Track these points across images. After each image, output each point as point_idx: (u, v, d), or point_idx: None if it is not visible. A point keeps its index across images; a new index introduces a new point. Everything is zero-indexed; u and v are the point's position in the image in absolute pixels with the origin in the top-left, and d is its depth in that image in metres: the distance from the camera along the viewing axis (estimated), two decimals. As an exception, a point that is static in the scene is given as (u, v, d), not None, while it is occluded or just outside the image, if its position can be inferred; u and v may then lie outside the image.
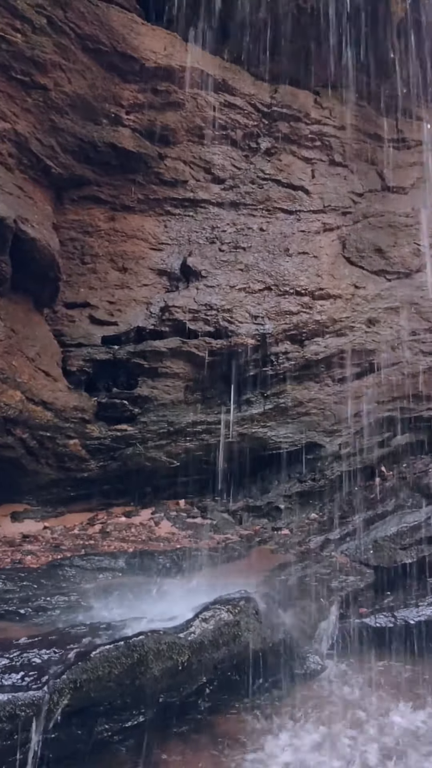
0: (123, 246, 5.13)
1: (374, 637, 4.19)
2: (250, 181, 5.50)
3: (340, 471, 5.87)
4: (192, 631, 3.13)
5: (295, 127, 5.61)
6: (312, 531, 5.30)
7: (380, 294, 5.95)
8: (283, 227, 5.64)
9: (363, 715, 3.55)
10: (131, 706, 2.99)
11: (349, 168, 5.92)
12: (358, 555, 4.79)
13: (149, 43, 5.00)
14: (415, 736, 3.36)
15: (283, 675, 3.71)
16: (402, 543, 4.79)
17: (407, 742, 3.30)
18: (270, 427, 5.63)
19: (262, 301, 5.49)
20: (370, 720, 3.49)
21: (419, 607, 4.24)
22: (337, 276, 5.78)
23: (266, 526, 5.40)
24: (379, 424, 5.99)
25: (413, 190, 6.06)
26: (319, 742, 3.29)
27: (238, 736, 3.36)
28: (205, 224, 5.38)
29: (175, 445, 5.28)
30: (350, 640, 4.15)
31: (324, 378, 5.84)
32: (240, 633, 3.30)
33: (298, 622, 3.87)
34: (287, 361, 5.61)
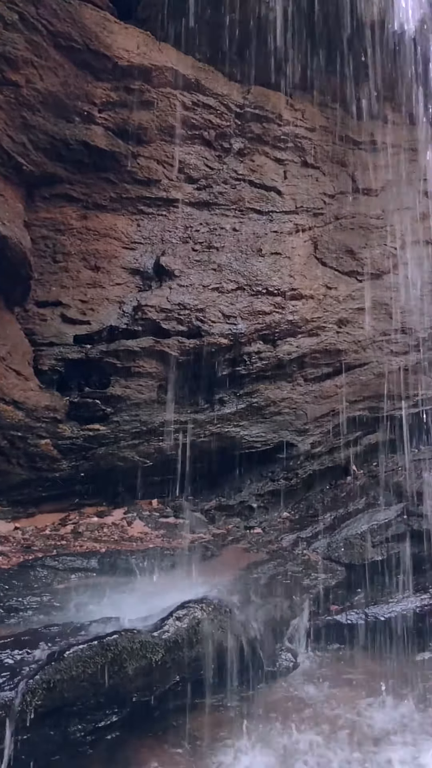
0: (95, 245, 5.10)
1: (346, 634, 4.23)
2: (222, 181, 5.51)
3: (312, 470, 5.93)
4: (166, 630, 3.14)
5: (268, 128, 5.64)
6: (284, 529, 5.34)
7: (351, 295, 6.02)
8: (256, 228, 5.67)
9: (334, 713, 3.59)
10: (105, 706, 2.99)
11: (321, 170, 5.97)
12: (329, 553, 4.84)
13: (122, 41, 4.98)
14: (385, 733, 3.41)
15: (256, 673, 3.73)
16: (372, 540, 4.86)
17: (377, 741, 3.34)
18: (243, 427, 5.65)
19: (235, 300, 5.51)
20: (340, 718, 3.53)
21: (389, 604, 4.30)
22: (309, 276, 5.83)
23: (239, 525, 5.43)
24: (350, 423, 6.06)
25: (384, 192, 6.14)
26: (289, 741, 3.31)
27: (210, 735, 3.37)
28: (178, 224, 5.38)
29: (148, 445, 5.27)
30: (322, 637, 4.19)
31: (296, 378, 5.89)
32: (213, 631, 3.32)
33: (270, 620, 3.90)
34: (260, 360, 5.64)
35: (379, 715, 3.55)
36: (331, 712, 3.59)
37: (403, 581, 4.49)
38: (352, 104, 5.87)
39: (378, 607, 4.30)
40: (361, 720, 3.47)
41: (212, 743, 3.29)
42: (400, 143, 6.18)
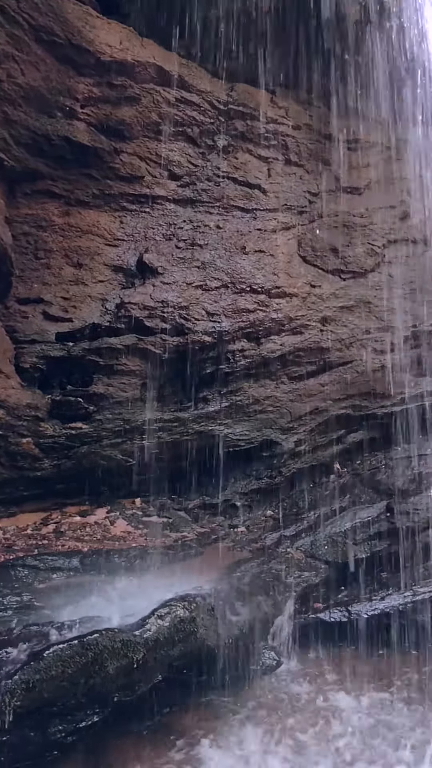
0: (78, 241, 5.05)
1: (329, 632, 4.24)
2: (206, 178, 5.49)
3: (295, 468, 5.92)
4: (147, 629, 3.11)
5: (252, 126, 5.63)
6: (268, 528, 5.33)
7: (335, 293, 6.02)
8: (240, 225, 5.65)
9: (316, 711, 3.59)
10: (86, 706, 2.96)
11: (305, 168, 5.97)
12: (313, 551, 4.84)
13: (105, 36, 4.94)
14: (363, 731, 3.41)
15: (239, 671, 3.73)
16: (355, 538, 4.86)
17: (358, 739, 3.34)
18: (227, 425, 5.63)
19: (218, 298, 5.49)
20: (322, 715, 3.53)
21: (372, 602, 4.30)
22: (293, 275, 5.83)
23: (222, 523, 5.41)
24: (334, 421, 6.06)
25: (367, 191, 6.15)
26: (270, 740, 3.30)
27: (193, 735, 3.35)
28: (162, 221, 5.35)
29: (131, 444, 5.23)
30: (305, 635, 4.19)
31: (280, 376, 5.88)
32: (196, 630, 3.30)
33: (253, 618, 3.89)
34: (244, 359, 5.63)
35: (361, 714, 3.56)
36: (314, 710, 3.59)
37: (385, 579, 4.50)
38: (335, 102, 5.87)
39: (361, 605, 4.31)
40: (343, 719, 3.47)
41: (195, 742, 3.27)
42: (383, 142, 6.19)
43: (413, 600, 4.33)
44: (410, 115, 5.98)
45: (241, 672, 3.70)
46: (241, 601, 3.93)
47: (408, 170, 6.10)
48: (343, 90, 5.80)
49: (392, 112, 6.02)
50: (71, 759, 2.98)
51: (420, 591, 4.37)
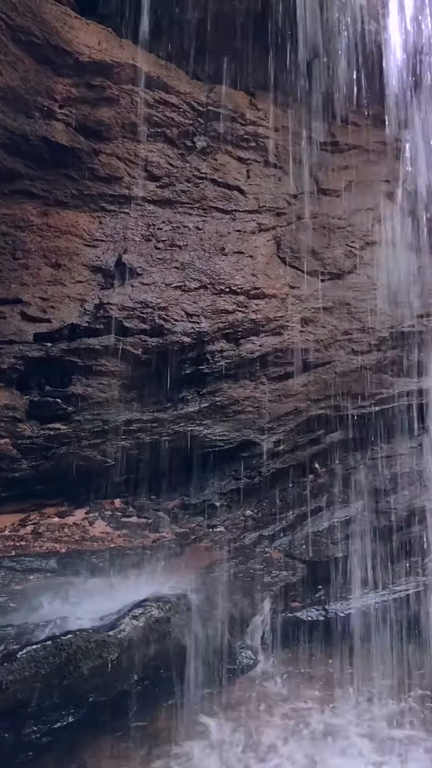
0: (56, 242, 5.04)
1: (306, 631, 4.27)
2: (185, 179, 5.50)
3: (275, 468, 5.93)
4: (122, 629, 3.12)
5: (231, 127, 5.65)
6: (247, 528, 5.35)
7: (314, 294, 6.06)
8: (219, 226, 5.67)
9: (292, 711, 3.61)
10: (60, 707, 2.96)
11: (284, 170, 5.99)
12: (291, 550, 4.87)
13: (83, 37, 4.94)
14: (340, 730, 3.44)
15: (216, 671, 3.74)
16: (333, 538, 4.90)
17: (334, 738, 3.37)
18: (206, 426, 5.64)
19: (198, 299, 5.50)
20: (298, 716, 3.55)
21: (349, 600, 4.34)
22: (272, 276, 5.85)
23: (202, 523, 5.42)
24: (312, 422, 6.09)
25: (345, 193, 6.18)
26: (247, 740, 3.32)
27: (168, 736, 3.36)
28: (141, 221, 5.35)
29: (110, 444, 5.23)
30: (283, 634, 4.22)
31: (259, 376, 5.90)
32: (171, 630, 3.31)
33: (230, 617, 3.91)
34: (223, 359, 5.64)
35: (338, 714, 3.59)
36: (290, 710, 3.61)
37: (362, 578, 4.54)
38: (313, 105, 5.90)
39: (338, 604, 4.35)
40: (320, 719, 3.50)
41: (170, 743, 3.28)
42: (361, 145, 6.24)
43: (390, 598, 4.38)
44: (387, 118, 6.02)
45: (217, 672, 3.72)
46: (219, 600, 3.95)
47: (386, 172, 6.14)
48: (320, 92, 5.83)
49: (371, 115, 6.06)
50: (46, 760, 2.98)
51: (397, 589, 4.42)
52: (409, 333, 6.13)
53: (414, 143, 5.98)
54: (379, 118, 6.10)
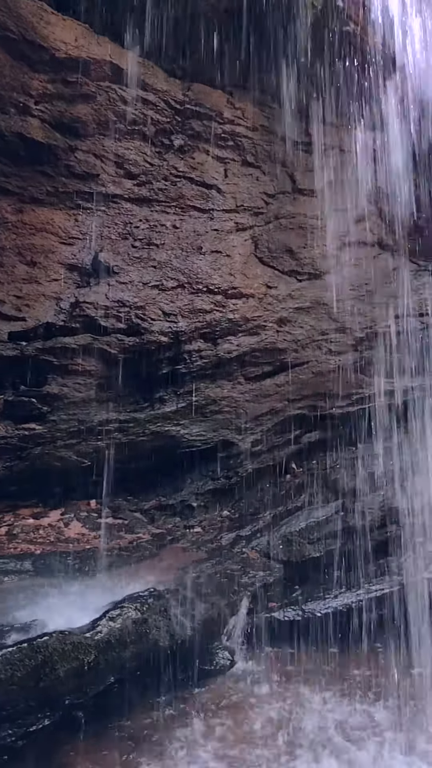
0: (32, 239, 4.98)
1: (283, 631, 4.28)
2: (163, 177, 5.47)
3: (252, 468, 5.94)
4: (99, 631, 3.09)
5: (208, 126, 5.63)
6: (224, 528, 5.34)
7: (291, 294, 6.07)
8: (197, 225, 5.65)
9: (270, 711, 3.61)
10: (36, 710, 2.92)
11: (261, 169, 5.99)
12: (268, 550, 4.87)
13: (60, 33, 4.88)
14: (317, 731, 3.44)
15: (193, 671, 3.73)
16: (310, 537, 4.91)
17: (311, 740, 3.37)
18: (183, 426, 5.62)
19: (175, 298, 5.47)
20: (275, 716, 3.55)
21: (326, 600, 4.35)
22: (249, 275, 5.85)
23: (178, 524, 5.40)
24: (290, 421, 6.11)
25: (323, 193, 6.20)
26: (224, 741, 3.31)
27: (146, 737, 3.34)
28: (118, 219, 5.31)
29: (86, 444, 5.18)
30: (260, 634, 4.22)
31: (237, 376, 5.90)
32: (148, 631, 3.29)
33: (207, 618, 3.90)
34: (200, 359, 5.63)
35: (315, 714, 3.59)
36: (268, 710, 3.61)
37: (338, 577, 4.56)
38: (292, 105, 5.91)
39: (315, 603, 4.36)
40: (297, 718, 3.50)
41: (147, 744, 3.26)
42: (338, 145, 6.26)
43: (366, 597, 4.40)
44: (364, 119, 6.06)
45: (194, 672, 3.71)
46: (196, 601, 3.93)
47: (362, 173, 6.17)
48: (298, 92, 5.84)
49: (346, 116, 6.09)
50: (22, 764, 2.94)
51: (372, 589, 4.45)
52: (384, 333, 6.17)
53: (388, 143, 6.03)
54: (358, 118, 6.13)
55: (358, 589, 4.44)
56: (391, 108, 5.94)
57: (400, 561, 4.63)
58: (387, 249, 6.54)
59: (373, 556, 4.71)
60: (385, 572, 4.57)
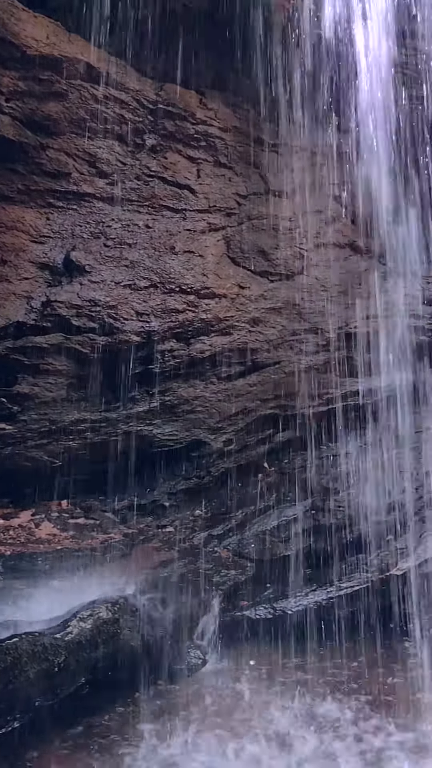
0: (2, 237, 4.93)
1: (255, 629, 4.30)
2: (135, 177, 5.46)
3: (224, 467, 5.95)
4: (69, 632, 3.08)
5: (181, 126, 5.63)
6: (196, 527, 5.35)
7: (263, 294, 6.10)
8: (169, 225, 5.65)
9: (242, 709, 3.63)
10: (5, 712, 2.90)
11: (234, 170, 6.02)
12: (240, 549, 4.89)
13: (31, 30, 4.85)
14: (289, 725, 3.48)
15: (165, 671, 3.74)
16: (281, 536, 4.95)
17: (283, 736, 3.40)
18: (155, 425, 5.61)
19: (147, 298, 5.47)
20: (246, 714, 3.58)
21: (297, 597, 4.39)
22: (222, 276, 5.87)
23: (151, 524, 5.39)
24: (262, 421, 6.14)
25: (295, 194, 6.25)
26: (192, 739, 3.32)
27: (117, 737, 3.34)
28: (90, 218, 5.28)
29: (57, 444, 5.15)
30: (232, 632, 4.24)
31: (209, 376, 5.90)
32: (119, 631, 3.29)
33: (179, 617, 3.91)
34: (173, 359, 5.62)
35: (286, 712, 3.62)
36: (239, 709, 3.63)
37: (310, 575, 4.60)
38: (264, 106, 5.95)
39: (286, 601, 4.39)
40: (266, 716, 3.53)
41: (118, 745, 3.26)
42: (310, 147, 6.31)
43: (336, 595, 4.45)
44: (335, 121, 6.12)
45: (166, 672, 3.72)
46: (167, 601, 3.94)
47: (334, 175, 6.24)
48: (270, 94, 5.88)
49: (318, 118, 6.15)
50: (-10, 767, 2.92)
51: (343, 586, 4.50)
52: (355, 333, 6.24)
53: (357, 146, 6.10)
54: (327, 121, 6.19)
55: (329, 586, 4.49)
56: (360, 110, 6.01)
57: (370, 558, 4.69)
58: (358, 251, 6.61)
59: (344, 554, 4.76)
60: (356, 570, 4.63)
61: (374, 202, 6.25)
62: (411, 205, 6.44)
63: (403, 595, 4.39)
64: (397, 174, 6.28)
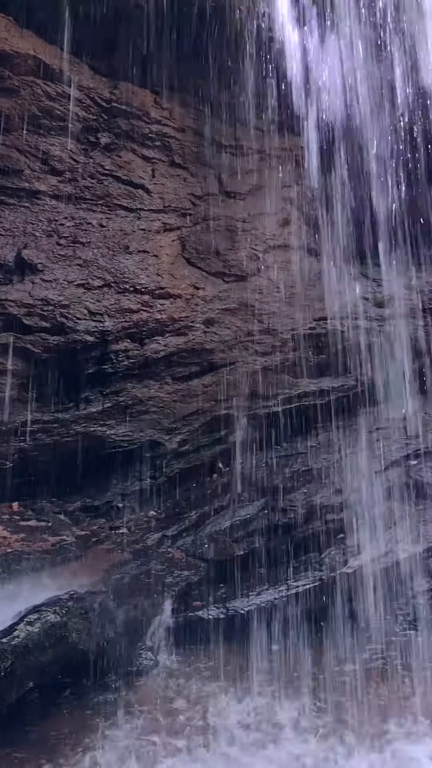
0: None
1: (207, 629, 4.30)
2: (89, 175, 5.42)
3: (179, 468, 5.94)
4: (16, 636, 3.03)
5: (135, 125, 5.61)
6: (150, 528, 5.32)
7: (218, 295, 6.11)
8: (124, 224, 5.62)
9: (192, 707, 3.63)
10: None
11: (189, 170, 6.02)
12: (193, 550, 4.89)
13: (-19, 23, 4.77)
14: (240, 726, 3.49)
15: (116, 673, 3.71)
16: (235, 536, 4.96)
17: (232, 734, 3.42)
18: (109, 426, 5.57)
19: (101, 297, 5.43)
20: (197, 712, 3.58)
21: (249, 597, 4.40)
22: (177, 276, 5.86)
23: (104, 525, 5.34)
24: (216, 421, 6.14)
25: (250, 196, 6.29)
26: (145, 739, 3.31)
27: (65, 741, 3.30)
28: (42, 216, 5.22)
29: (8, 446, 5.07)
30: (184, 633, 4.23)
31: (164, 377, 5.89)
32: (68, 634, 3.26)
33: (130, 619, 3.89)
34: (127, 359, 5.59)
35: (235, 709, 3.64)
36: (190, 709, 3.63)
37: (261, 574, 4.62)
38: (219, 108, 5.97)
39: (238, 601, 4.40)
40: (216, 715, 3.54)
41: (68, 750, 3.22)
42: (265, 149, 6.35)
43: (287, 594, 4.47)
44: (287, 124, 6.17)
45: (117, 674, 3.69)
46: (119, 602, 3.91)
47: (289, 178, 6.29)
48: (225, 96, 5.90)
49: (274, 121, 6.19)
50: None
51: (293, 585, 4.53)
52: (309, 335, 6.30)
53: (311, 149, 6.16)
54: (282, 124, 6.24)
55: (281, 585, 4.51)
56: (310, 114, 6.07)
57: (321, 557, 4.74)
58: (311, 253, 6.68)
59: (296, 553, 4.80)
60: (307, 568, 4.66)
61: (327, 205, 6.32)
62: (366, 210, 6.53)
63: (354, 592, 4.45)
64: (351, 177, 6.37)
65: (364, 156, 6.25)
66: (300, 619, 4.34)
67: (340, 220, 6.36)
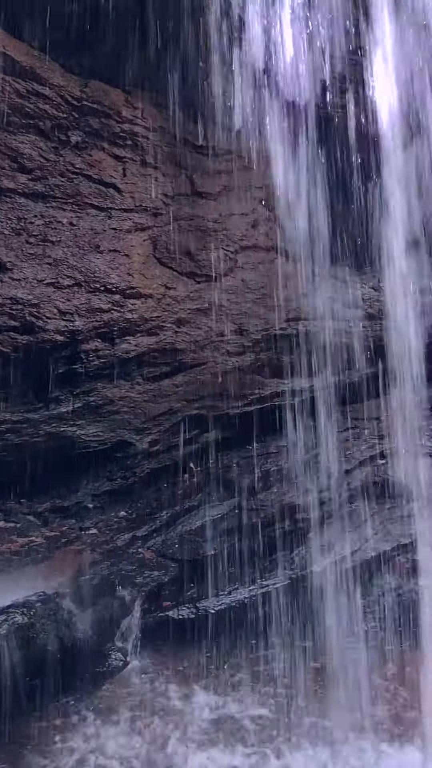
0: None
1: (177, 629, 4.31)
2: (59, 174, 5.36)
3: (150, 468, 5.94)
4: (-19, 638, 2.99)
5: (106, 124, 5.57)
6: (120, 529, 5.31)
7: (190, 295, 6.11)
8: (94, 223, 5.58)
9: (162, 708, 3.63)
10: None
11: (161, 170, 5.99)
12: (164, 550, 4.89)
13: None
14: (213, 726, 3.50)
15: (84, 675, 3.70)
16: (206, 536, 4.98)
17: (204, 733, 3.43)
18: (79, 426, 5.54)
19: (71, 297, 5.38)
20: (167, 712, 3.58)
21: (219, 597, 4.43)
22: (148, 276, 5.84)
23: (74, 526, 5.31)
24: (188, 421, 6.15)
25: (221, 197, 6.29)
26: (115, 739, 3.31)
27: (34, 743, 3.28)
28: (11, 214, 5.15)
29: (-24, 446, 5.01)
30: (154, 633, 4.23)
31: (135, 377, 5.87)
32: (35, 635, 3.24)
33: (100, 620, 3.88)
34: (98, 359, 5.56)
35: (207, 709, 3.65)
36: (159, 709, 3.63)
37: (233, 574, 4.64)
38: (191, 108, 5.97)
39: (208, 601, 4.42)
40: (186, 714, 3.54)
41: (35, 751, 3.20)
42: (236, 150, 6.36)
43: (258, 593, 4.50)
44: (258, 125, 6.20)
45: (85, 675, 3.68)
46: (88, 603, 3.90)
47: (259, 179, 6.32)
48: (198, 96, 5.90)
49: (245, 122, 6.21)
50: None
51: (264, 584, 4.56)
52: (280, 336, 6.34)
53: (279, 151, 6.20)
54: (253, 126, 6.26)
55: (251, 584, 4.54)
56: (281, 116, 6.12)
57: (292, 556, 4.77)
58: (282, 254, 6.72)
59: (266, 552, 4.83)
60: (277, 567, 4.70)
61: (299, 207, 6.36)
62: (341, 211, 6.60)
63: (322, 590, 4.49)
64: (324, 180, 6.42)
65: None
66: (271, 618, 4.36)
67: (309, 221, 6.41)
